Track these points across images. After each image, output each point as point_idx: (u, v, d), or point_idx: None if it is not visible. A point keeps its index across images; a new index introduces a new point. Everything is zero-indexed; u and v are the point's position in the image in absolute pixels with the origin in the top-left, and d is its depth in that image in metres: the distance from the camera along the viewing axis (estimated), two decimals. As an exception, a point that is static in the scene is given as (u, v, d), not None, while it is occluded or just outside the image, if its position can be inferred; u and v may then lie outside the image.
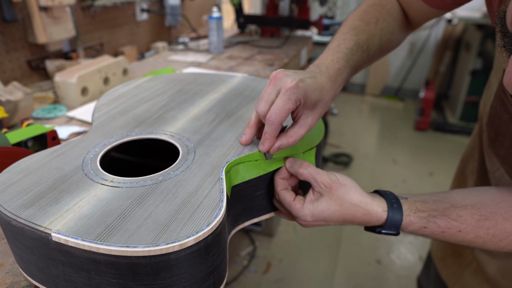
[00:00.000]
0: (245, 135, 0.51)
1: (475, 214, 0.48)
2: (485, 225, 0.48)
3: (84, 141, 0.52)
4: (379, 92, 3.66)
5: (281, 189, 0.50)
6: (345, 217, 0.48)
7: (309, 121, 0.49)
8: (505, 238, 0.48)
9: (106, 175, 0.45)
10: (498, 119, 0.54)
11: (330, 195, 0.47)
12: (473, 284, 0.73)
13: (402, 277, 1.63)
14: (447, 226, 0.48)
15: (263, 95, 0.47)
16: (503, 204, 0.49)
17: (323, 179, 0.48)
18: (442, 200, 0.50)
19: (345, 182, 0.48)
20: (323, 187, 0.47)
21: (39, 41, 1.02)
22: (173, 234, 0.35)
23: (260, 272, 1.62)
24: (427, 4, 0.61)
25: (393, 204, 0.48)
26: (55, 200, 0.40)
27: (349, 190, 0.48)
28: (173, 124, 0.57)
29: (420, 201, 0.49)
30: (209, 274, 0.39)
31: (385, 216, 0.47)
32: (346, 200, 0.47)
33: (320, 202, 0.47)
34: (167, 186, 0.42)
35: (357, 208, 0.47)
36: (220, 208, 0.39)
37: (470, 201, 0.50)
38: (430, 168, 2.45)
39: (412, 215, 0.47)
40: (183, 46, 1.60)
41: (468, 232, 0.48)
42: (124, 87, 0.72)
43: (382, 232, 0.48)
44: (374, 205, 0.47)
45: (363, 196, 0.48)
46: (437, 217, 0.48)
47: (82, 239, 0.34)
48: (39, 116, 0.89)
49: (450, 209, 0.48)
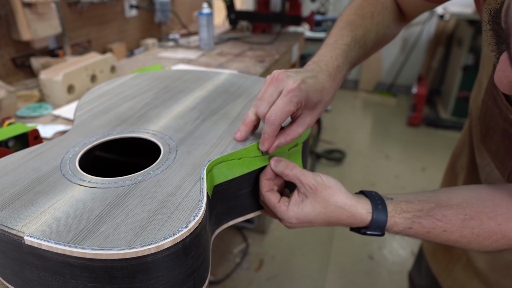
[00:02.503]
0: (239, 131, 0.51)
1: (460, 214, 0.48)
2: (470, 224, 0.47)
3: (64, 141, 0.51)
4: (372, 88, 3.66)
5: (266, 191, 0.49)
6: (330, 219, 0.47)
7: (307, 120, 0.49)
8: (489, 237, 0.48)
9: (84, 175, 0.43)
10: (489, 114, 0.54)
11: (315, 197, 0.47)
12: (463, 278, 0.73)
13: (394, 272, 1.64)
14: (431, 226, 0.47)
15: (264, 96, 0.47)
16: (489, 203, 0.49)
17: (308, 181, 0.47)
18: (428, 200, 0.49)
19: (330, 183, 0.48)
20: (308, 189, 0.47)
21: (23, 38, 1.00)
22: (150, 236, 0.34)
23: (253, 269, 1.62)
24: None
25: (378, 206, 0.47)
26: (30, 202, 0.39)
27: (334, 192, 0.47)
28: (156, 123, 0.56)
29: (405, 201, 0.49)
30: (188, 276, 0.38)
31: (369, 218, 0.47)
32: (331, 202, 0.47)
33: (305, 205, 0.47)
34: (146, 186, 0.41)
35: (341, 211, 0.47)
36: (199, 208, 0.38)
37: (455, 201, 0.49)
38: (423, 163, 2.46)
39: (396, 216, 0.47)
40: (173, 42, 1.59)
41: (452, 232, 0.48)
42: (108, 84, 0.71)
43: (366, 233, 0.48)
44: (358, 207, 0.47)
45: (348, 198, 0.47)
46: (422, 217, 0.47)
47: (55, 242, 0.33)
48: (24, 114, 0.88)
49: (435, 209, 0.48)
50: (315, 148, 2.52)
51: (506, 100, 0.49)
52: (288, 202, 0.48)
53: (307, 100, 0.46)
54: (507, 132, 0.50)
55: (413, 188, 2.19)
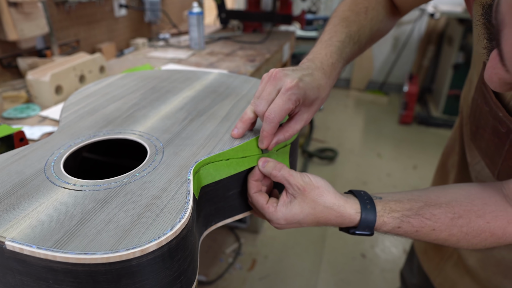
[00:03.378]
0: (237, 128, 0.50)
1: (449, 212, 0.48)
2: (458, 223, 0.48)
3: (49, 143, 0.50)
4: (363, 87, 3.68)
5: (254, 192, 0.49)
6: (319, 219, 0.47)
7: (304, 117, 0.50)
8: (478, 235, 0.48)
9: (69, 178, 0.43)
10: (479, 112, 0.54)
11: (303, 197, 0.46)
12: (454, 276, 0.73)
13: (386, 270, 1.64)
14: (420, 225, 0.47)
15: (263, 94, 0.47)
16: (477, 201, 0.49)
17: (296, 181, 0.47)
18: (417, 199, 0.49)
19: (318, 184, 0.48)
20: (297, 190, 0.47)
21: (10, 38, 0.98)
22: (135, 239, 0.34)
23: (246, 269, 1.62)
24: None
25: (367, 205, 0.47)
26: (12, 206, 0.38)
27: (322, 192, 0.47)
28: (143, 123, 0.55)
29: (394, 200, 0.49)
30: (175, 279, 0.37)
31: (358, 218, 0.47)
32: (319, 203, 0.46)
33: (293, 206, 0.47)
34: (131, 189, 0.40)
35: (330, 211, 0.47)
36: (185, 210, 0.37)
37: (444, 199, 0.49)
38: (415, 161, 2.47)
39: (385, 216, 0.47)
40: (163, 42, 1.58)
41: (442, 231, 0.48)
42: (95, 85, 0.70)
43: (355, 233, 0.48)
44: (347, 207, 0.47)
45: (336, 198, 0.47)
46: (410, 216, 0.47)
47: (37, 247, 0.33)
48: (10, 116, 0.86)
49: (424, 208, 0.48)
50: (307, 147, 2.52)
51: (496, 97, 0.49)
52: (277, 203, 0.48)
53: (305, 98, 0.47)
54: (496, 130, 0.50)
55: (405, 186, 2.20)
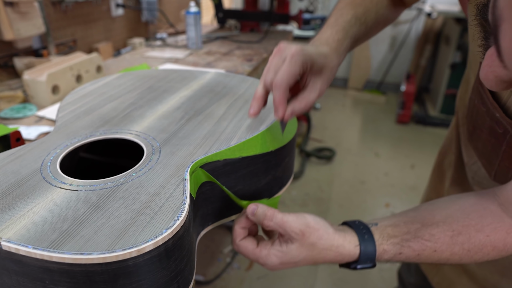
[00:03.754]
0: (252, 107, 0.50)
1: (448, 231, 0.47)
2: (459, 240, 0.46)
3: (45, 143, 0.50)
4: (361, 86, 3.68)
5: (240, 240, 0.47)
6: (317, 260, 0.46)
7: (318, 85, 0.49)
8: (480, 250, 0.47)
9: (65, 178, 0.43)
10: (476, 112, 0.54)
11: (302, 242, 0.44)
12: (451, 275, 0.73)
13: (384, 269, 1.65)
14: (421, 248, 0.46)
15: (270, 66, 0.47)
16: (473, 215, 0.48)
17: (293, 228, 0.44)
18: (412, 220, 0.48)
19: (318, 226, 0.45)
20: (294, 236, 0.44)
21: (6, 37, 0.98)
22: (131, 239, 0.33)
23: (243, 269, 1.62)
24: None
25: (364, 235, 0.46)
26: (8, 206, 0.38)
27: (322, 235, 0.45)
28: (139, 123, 0.55)
29: (390, 225, 0.48)
30: (172, 279, 0.37)
31: (358, 252, 0.45)
32: (318, 246, 0.45)
33: (290, 249, 0.45)
34: (128, 189, 0.40)
35: (328, 252, 0.45)
36: (182, 210, 0.37)
37: (440, 217, 0.48)
38: (412, 160, 2.48)
39: (385, 244, 0.46)
40: (160, 42, 1.57)
41: (443, 251, 0.47)
42: (92, 85, 0.69)
43: (357, 268, 0.47)
44: (345, 245, 0.46)
45: (335, 238, 0.46)
46: (410, 240, 0.46)
47: (33, 247, 0.33)
48: (7, 116, 0.86)
49: (422, 229, 0.47)
50: (305, 146, 2.52)
51: (493, 98, 0.49)
52: (270, 245, 0.46)
53: (312, 62, 0.47)
54: (493, 130, 0.50)
55: (403, 185, 2.20)
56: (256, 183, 0.52)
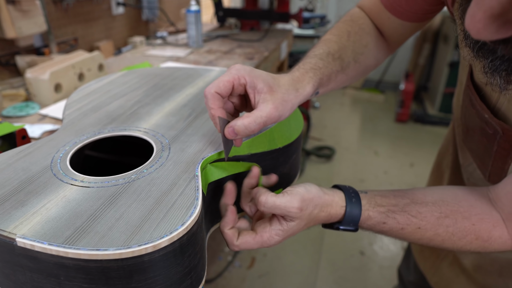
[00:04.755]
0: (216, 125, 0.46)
1: (435, 211, 0.47)
2: (444, 222, 0.47)
3: (54, 140, 0.50)
4: (360, 85, 3.69)
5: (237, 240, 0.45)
6: (309, 224, 0.46)
7: (268, 106, 0.44)
8: (463, 237, 0.47)
9: (76, 174, 0.43)
10: (468, 114, 0.54)
11: (301, 217, 0.44)
12: (450, 275, 0.74)
13: (385, 267, 1.65)
14: (406, 222, 0.47)
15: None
16: (464, 202, 0.48)
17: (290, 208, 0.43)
18: (403, 195, 0.49)
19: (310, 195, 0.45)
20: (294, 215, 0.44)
21: (8, 36, 0.97)
22: (146, 235, 0.34)
23: (245, 267, 1.62)
24: (397, 17, 0.59)
25: (352, 199, 0.47)
26: (21, 202, 0.38)
27: (316, 202, 0.45)
28: (147, 120, 0.55)
29: (380, 195, 0.48)
30: (186, 275, 0.37)
31: (343, 212, 0.46)
32: (313, 212, 0.45)
33: (291, 226, 0.45)
34: (140, 185, 0.40)
35: (320, 214, 0.46)
36: (195, 206, 0.37)
37: (431, 198, 0.49)
38: (411, 159, 2.49)
39: (371, 210, 0.46)
40: (161, 40, 1.57)
41: (427, 230, 0.47)
42: (97, 82, 0.69)
43: (340, 228, 0.47)
44: (333, 205, 0.46)
45: (325, 198, 0.46)
46: (396, 212, 0.47)
47: (49, 243, 0.33)
48: (10, 114, 0.86)
49: (411, 205, 0.47)
50: (304, 145, 2.53)
51: (481, 100, 0.49)
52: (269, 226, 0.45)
53: (251, 78, 0.44)
54: (484, 131, 0.50)
55: (402, 183, 2.21)
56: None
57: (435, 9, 0.57)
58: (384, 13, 0.60)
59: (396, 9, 0.58)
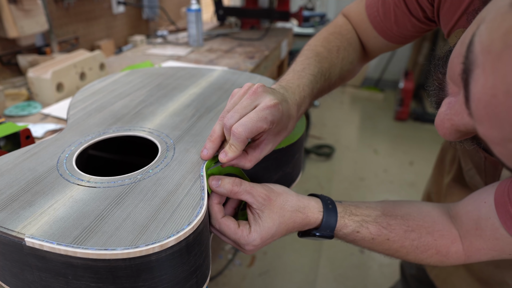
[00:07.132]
0: (206, 149, 0.45)
1: (403, 225, 0.50)
2: (411, 236, 0.49)
3: (59, 140, 0.50)
4: (359, 83, 3.69)
5: (222, 217, 0.44)
6: (288, 226, 0.47)
7: (269, 147, 0.46)
8: (425, 251, 0.50)
9: (82, 175, 0.43)
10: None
11: (271, 208, 0.45)
12: (449, 268, 0.75)
13: (384, 265, 1.66)
14: (377, 233, 0.49)
15: (237, 107, 0.42)
16: (428, 218, 0.51)
17: (260, 192, 0.44)
18: (374, 207, 0.51)
19: (280, 190, 0.47)
20: (262, 201, 0.44)
21: (10, 35, 0.97)
22: (153, 235, 0.34)
23: (245, 265, 1.62)
24: (385, 39, 0.61)
25: (328, 205, 0.48)
26: (29, 203, 0.38)
27: (286, 197, 0.47)
28: (151, 120, 0.55)
29: (353, 206, 0.50)
30: (191, 273, 0.38)
31: (320, 217, 0.47)
32: (286, 208, 0.46)
33: (264, 220, 0.45)
34: (146, 185, 0.41)
35: (297, 214, 0.47)
36: (201, 206, 0.38)
37: (400, 212, 0.51)
38: (411, 157, 2.49)
39: (346, 218, 0.48)
40: (161, 39, 1.57)
41: (395, 241, 0.49)
42: (100, 82, 0.70)
43: (316, 235, 0.48)
44: (311, 207, 0.47)
45: (300, 200, 0.47)
46: (369, 222, 0.49)
47: (57, 243, 0.33)
48: (12, 113, 0.86)
49: (382, 216, 0.50)
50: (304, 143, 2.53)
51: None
52: (248, 224, 0.45)
53: (278, 122, 0.43)
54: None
55: (402, 181, 2.22)
56: (267, 180, 0.53)
57: (423, 34, 0.59)
58: (371, 31, 0.62)
59: (386, 32, 0.60)
